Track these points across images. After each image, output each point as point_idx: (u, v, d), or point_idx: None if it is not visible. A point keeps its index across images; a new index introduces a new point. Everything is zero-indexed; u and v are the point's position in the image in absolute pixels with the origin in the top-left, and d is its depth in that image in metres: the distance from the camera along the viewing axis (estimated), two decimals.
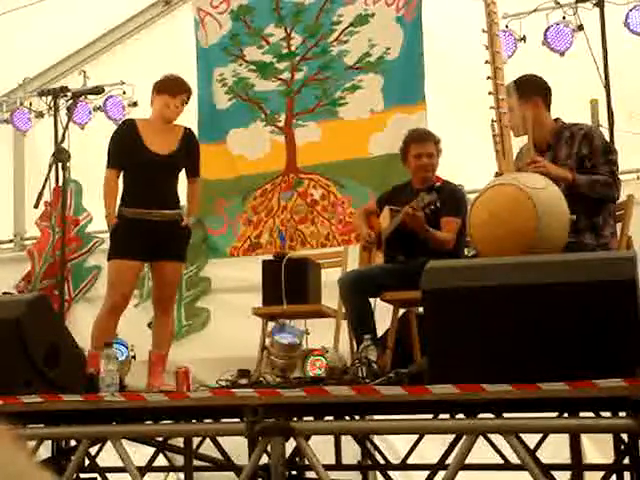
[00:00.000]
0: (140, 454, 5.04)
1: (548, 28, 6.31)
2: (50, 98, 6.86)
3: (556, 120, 4.62)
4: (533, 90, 4.56)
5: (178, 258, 5.52)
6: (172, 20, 7.91)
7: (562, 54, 6.30)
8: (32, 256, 7.73)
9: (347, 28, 7.04)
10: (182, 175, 5.60)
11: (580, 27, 6.21)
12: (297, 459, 5.09)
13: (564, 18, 6.29)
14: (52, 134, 5.69)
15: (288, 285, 5.67)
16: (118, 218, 5.38)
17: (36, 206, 5.33)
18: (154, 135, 5.47)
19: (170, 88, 5.49)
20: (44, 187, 5.15)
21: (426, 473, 4.52)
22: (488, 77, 4.36)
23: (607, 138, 5.18)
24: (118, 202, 5.43)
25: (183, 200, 5.66)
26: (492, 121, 4.36)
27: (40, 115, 7.73)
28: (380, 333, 5.11)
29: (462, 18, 6.26)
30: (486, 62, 4.36)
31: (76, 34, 7.91)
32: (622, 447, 4.51)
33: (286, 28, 7.25)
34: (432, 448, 4.94)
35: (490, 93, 4.35)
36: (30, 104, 7.87)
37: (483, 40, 4.42)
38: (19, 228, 8.26)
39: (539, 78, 4.65)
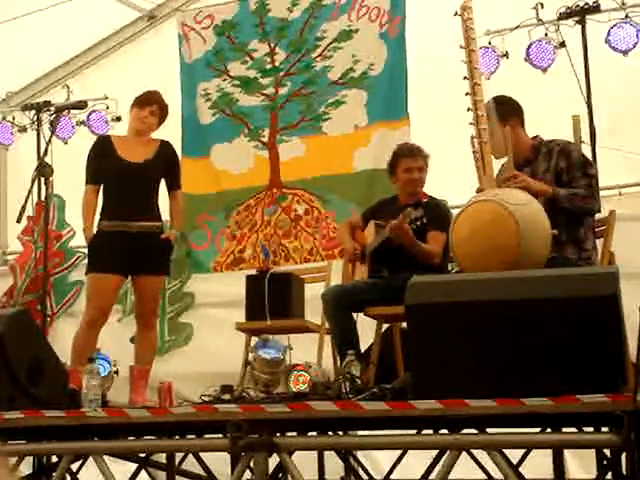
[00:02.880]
0: (122, 470, 5.01)
1: (530, 45, 6.35)
2: (33, 112, 6.87)
3: (534, 137, 4.65)
4: (509, 112, 4.59)
5: (159, 271, 5.47)
6: (156, 35, 7.92)
7: (544, 70, 6.34)
8: (14, 271, 7.69)
9: (331, 44, 7.06)
10: (164, 188, 5.57)
11: (562, 44, 6.25)
12: (280, 475, 5.07)
13: (546, 35, 6.33)
14: (35, 148, 5.68)
15: (271, 300, 5.66)
16: (97, 232, 5.35)
17: (19, 220, 5.30)
18: (128, 148, 5.46)
19: (138, 101, 5.50)
20: (27, 201, 5.13)
21: None
22: (467, 93, 4.37)
23: (589, 154, 5.21)
24: (98, 217, 5.41)
25: (166, 215, 5.63)
26: (471, 137, 4.37)
27: (23, 129, 7.71)
28: (364, 348, 5.10)
29: (445, 34, 6.27)
30: (464, 78, 4.38)
31: (60, 48, 7.90)
32: (605, 462, 4.51)
33: (270, 43, 7.27)
34: (415, 463, 4.93)
35: (469, 109, 4.36)
36: (13, 118, 7.86)
37: (463, 56, 4.44)
38: (1, 242, 8.23)
39: (509, 98, 4.69)
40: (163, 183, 5.54)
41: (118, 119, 7.23)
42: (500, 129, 4.47)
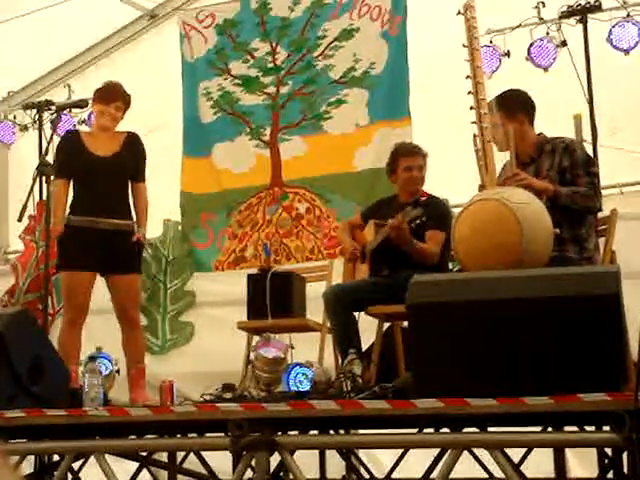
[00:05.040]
0: (123, 469, 5.01)
1: (532, 44, 6.36)
2: (35, 111, 6.88)
3: (539, 135, 4.64)
4: (517, 107, 4.58)
5: (135, 270, 5.39)
6: (157, 34, 7.93)
7: (546, 69, 6.35)
8: (16, 270, 7.69)
9: (332, 43, 7.06)
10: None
11: (564, 43, 6.26)
12: (281, 474, 5.07)
13: (548, 34, 6.34)
14: (36, 147, 5.68)
15: (273, 299, 5.66)
16: (65, 227, 5.28)
17: (20, 219, 5.30)
18: (96, 142, 5.41)
19: (102, 96, 5.44)
20: (28, 200, 5.13)
21: None
22: (469, 92, 4.37)
23: (590, 153, 5.21)
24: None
25: (168, 214, 5.61)
26: (474, 136, 4.37)
27: (24, 128, 7.72)
28: (365, 347, 5.10)
29: (446, 33, 6.28)
30: (467, 77, 4.38)
31: (61, 48, 7.91)
32: (606, 461, 4.52)
33: (271, 42, 7.27)
34: (417, 462, 4.93)
35: (472, 108, 4.36)
36: (14, 117, 7.87)
37: (465, 55, 4.44)
38: (3, 242, 8.24)
39: (524, 94, 4.66)
40: (163, 181, 5.51)
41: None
42: (504, 123, 4.47)
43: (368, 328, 5.15)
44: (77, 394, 4.31)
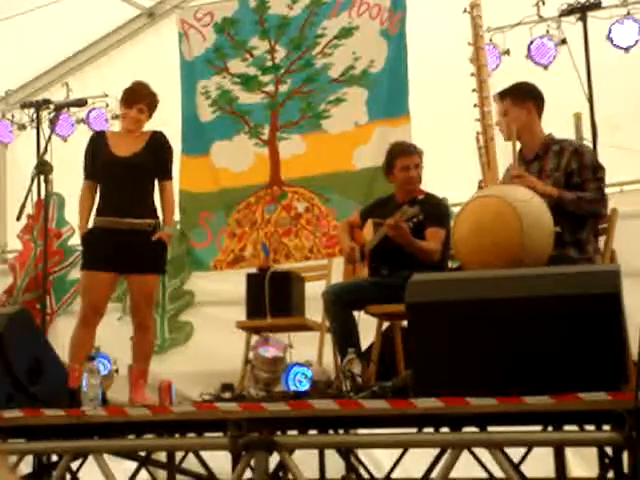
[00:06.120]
0: (122, 469, 5.00)
1: (532, 42, 6.35)
2: (33, 110, 6.85)
3: (548, 135, 4.63)
4: (527, 95, 4.58)
5: (153, 270, 5.35)
6: (156, 33, 7.91)
7: (545, 68, 6.34)
8: (14, 269, 7.68)
9: (331, 41, 7.05)
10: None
11: (563, 41, 6.24)
12: (281, 473, 5.06)
13: (547, 32, 6.32)
14: (34, 146, 5.66)
15: (272, 298, 5.65)
16: (91, 228, 5.28)
17: (18, 219, 5.29)
18: (120, 143, 5.39)
19: (125, 99, 5.43)
20: (26, 200, 5.12)
21: None
22: (473, 90, 4.37)
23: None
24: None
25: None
26: (477, 133, 4.36)
27: (22, 127, 7.71)
28: (364, 346, 5.09)
29: (446, 31, 6.28)
30: (472, 75, 4.38)
31: (59, 46, 7.90)
32: (606, 460, 4.51)
33: (270, 41, 7.26)
34: (416, 462, 4.92)
35: (475, 105, 4.36)
36: (12, 116, 7.85)
37: (467, 53, 4.43)
38: (1, 241, 8.23)
39: (534, 86, 4.67)
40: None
41: (117, 117, 7.21)
42: (513, 111, 4.47)
43: (367, 327, 5.14)
44: (76, 394, 4.29)
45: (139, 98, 5.41)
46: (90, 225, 5.32)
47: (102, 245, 5.23)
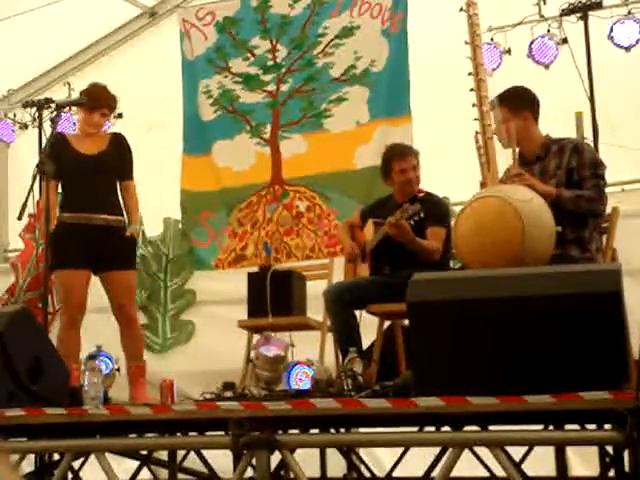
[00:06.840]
0: (124, 468, 5.01)
1: (533, 41, 6.35)
2: (34, 109, 6.83)
3: (545, 135, 4.63)
4: (522, 103, 4.57)
5: (132, 266, 5.40)
6: (157, 32, 7.92)
7: (547, 67, 6.34)
8: (16, 268, 7.68)
9: (333, 40, 7.05)
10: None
11: (565, 40, 6.24)
12: (282, 472, 5.07)
13: (549, 31, 6.33)
14: (36, 145, 5.66)
15: (273, 297, 5.66)
16: (57, 225, 5.26)
17: (20, 218, 5.28)
18: (83, 142, 5.46)
19: (87, 104, 5.44)
20: (28, 199, 5.12)
21: None
22: (471, 89, 4.37)
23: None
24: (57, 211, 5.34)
25: (169, 213, 5.60)
26: (476, 133, 4.36)
27: (24, 126, 7.71)
28: (365, 346, 5.10)
29: (446, 31, 6.28)
30: (469, 74, 4.37)
31: (61, 46, 7.91)
32: (607, 460, 4.51)
33: (271, 40, 7.26)
34: (418, 461, 4.92)
35: (474, 105, 4.36)
36: (14, 115, 7.86)
37: (467, 52, 4.43)
38: (2, 240, 8.23)
39: (528, 91, 4.65)
40: (163, 180, 5.52)
41: (119, 116, 7.20)
42: (509, 119, 4.46)
43: (369, 327, 5.15)
44: (77, 393, 4.29)
45: (102, 103, 5.46)
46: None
47: (75, 241, 5.21)
